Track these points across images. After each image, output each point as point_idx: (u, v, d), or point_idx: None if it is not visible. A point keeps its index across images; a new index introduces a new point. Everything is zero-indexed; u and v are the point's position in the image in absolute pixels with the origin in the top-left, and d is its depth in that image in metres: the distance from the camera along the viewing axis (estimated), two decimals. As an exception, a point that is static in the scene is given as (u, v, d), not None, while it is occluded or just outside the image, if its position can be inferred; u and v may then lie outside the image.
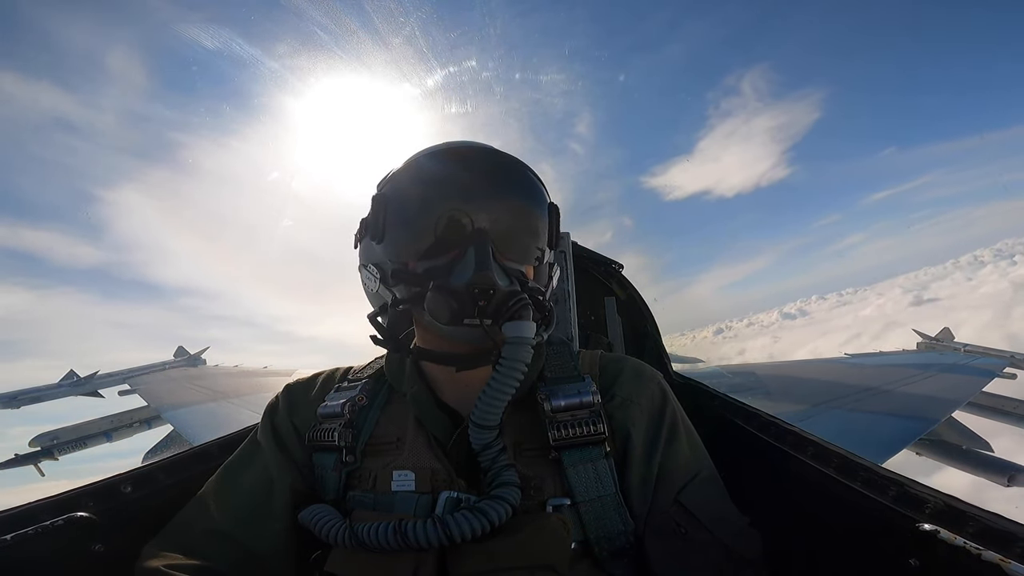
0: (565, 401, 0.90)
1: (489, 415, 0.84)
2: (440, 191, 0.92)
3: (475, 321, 0.84)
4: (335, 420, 0.96)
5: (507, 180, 0.96)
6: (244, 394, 5.73)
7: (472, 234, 0.88)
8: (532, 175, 0.99)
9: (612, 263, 2.31)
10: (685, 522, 0.89)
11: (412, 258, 0.91)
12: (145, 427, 6.42)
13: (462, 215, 0.89)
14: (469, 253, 0.85)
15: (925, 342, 6.63)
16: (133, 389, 6.52)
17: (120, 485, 1.04)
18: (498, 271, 0.86)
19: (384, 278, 0.94)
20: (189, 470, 1.15)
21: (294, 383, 1.11)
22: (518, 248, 0.93)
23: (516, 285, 0.88)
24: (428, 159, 0.97)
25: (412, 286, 0.90)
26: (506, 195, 0.94)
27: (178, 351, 8.01)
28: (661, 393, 1.01)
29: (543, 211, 0.98)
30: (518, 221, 0.94)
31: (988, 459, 4.26)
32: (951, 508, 0.77)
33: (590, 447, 0.88)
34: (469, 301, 0.84)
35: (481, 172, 0.94)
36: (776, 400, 4.13)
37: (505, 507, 0.79)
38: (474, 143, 1.00)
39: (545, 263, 1.00)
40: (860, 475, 0.93)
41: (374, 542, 0.75)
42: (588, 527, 0.86)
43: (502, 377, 0.82)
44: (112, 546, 0.96)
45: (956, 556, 0.70)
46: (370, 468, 0.92)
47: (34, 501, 0.95)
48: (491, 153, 0.98)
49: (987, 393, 4.84)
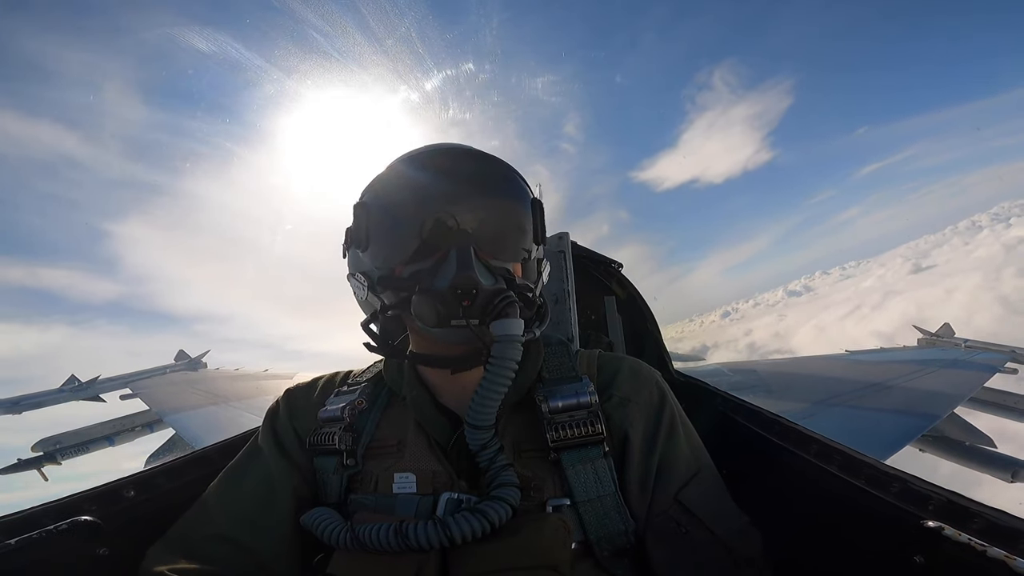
0: (563, 402, 0.90)
1: (483, 415, 0.84)
2: (420, 195, 0.92)
3: (461, 322, 0.84)
4: (336, 424, 0.96)
5: (487, 179, 0.96)
6: (245, 397, 5.74)
7: (454, 235, 0.87)
8: (512, 173, 0.98)
9: (612, 263, 2.31)
10: (685, 521, 0.89)
11: (397, 263, 0.91)
12: (147, 431, 6.43)
13: (444, 217, 0.89)
14: (451, 254, 0.85)
15: (926, 338, 6.63)
16: (134, 393, 6.53)
17: (123, 489, 1.05)
18: (481, 270, 0.86)
19: (372, 285, 0.94)
20: (191, 474, 1.16)
21: (295, 387, 1.11)
22: (502, 246, 0.92)
23: (501, 283, 0.88)
24: (406, 164, 0.97)
25: (399, 291, 0.90)
26: (486, 194, 0.94)
27: (179, 355, 8.02)
28: (659, 392, 1.01)
29: (526, 207, 0.98)
30: (500, 219, 0.93)
31: (991, 455, 4.26)
32: (955, 504, 0.77)
33: (589, 447, 0.88)
34: (454, 302, 0.83)
35: (460, 173, 0.94)
36: (778, 398, 4.13)
37: (505, 507, 0.79)
38: (452, 144, 1.00)
39: (533, 259, 0.99)
40: (863, 472, 0.92)
41: (376, 544, 0.76)
42: (588, 527, 0.86)
43: (493, 376, 0.82)
44: (116, 550, 0.96)
45: (961, 553, 0.69)
46: (371, 471, 0.92)
47: (38, 505, 0.95)
48: (469, 153, 0.98)
49: (989, 389, 4.84)
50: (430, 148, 0.98)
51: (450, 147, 0.99)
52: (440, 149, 0.98)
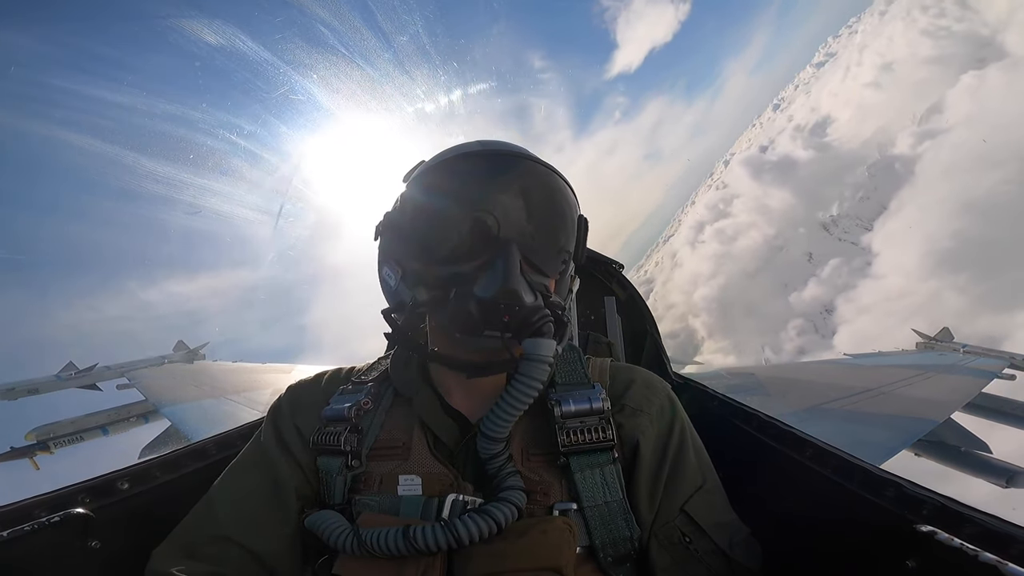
0: (576, 406, 0.90)
1: (499, 428, 0.83)
2: (470, 194, 0.88)
3: (495, 333, 0.82)
4: (340, 424, 0.94)
5: (539, 189, 0.92)
6: (243, 390, 5.72)
7: (500, 243, 0.85)
8: (565, 186, 0.96)
9: (612, 263, 2.31)
10: (689, 531, 0.89)
11: (435, 260, 0.89)
12: (142, 422, 6.41)
13: (491, 222, 0.85)
14: (497, 264, 0.83)
15: (924, 342, 6.63)
16: (131, 383, 6.51)
17: (117, 482, 1.04)
18: (523, 285, 0.84)
19: (405, 276, 0.93)
20: (186, 467, 1.15)
21: (297, 384, 1.09)
22: (545, 260, 0.90)
23: (540, 300, 0.86)
24: (461, 159, 0.93)
25: (433, 289, 0.89)
26: (538, 205, 0.90)
27: (177, 345, 7.99)
28: (671, 405, 1.01)
29: (573, 223, 0.96)
30: (547, 232, 0.91)
31: (987, 461, 4.26)
32: (949, 509, 0.77)
33: (598, 453, 0.88)
34: (493, 314, 0.82)
35: (514, 178, 0.90)
36: (775, 401, 4.13)
37: (511, 509, 0.79)
38: (510, 146, 0.95)
39: (567, 276, 0.99)
40: (858, 476, 0.93)
41: (382, 549, 0.75)
42: (594, 532, 0.85)
43: (517, 393, 0.81)
44: (108, 542, 0.96)
45: (953, 557, 0.69)
46: (376, 472, 0.91)
47: (30, 497, 0.95)
48: (526, 159, 0.93)
49: (986, 394, 4.84)
50: (485, 145, 0.95)
51: (507, 148, 0.95)
52: (495, 149, 0.94)
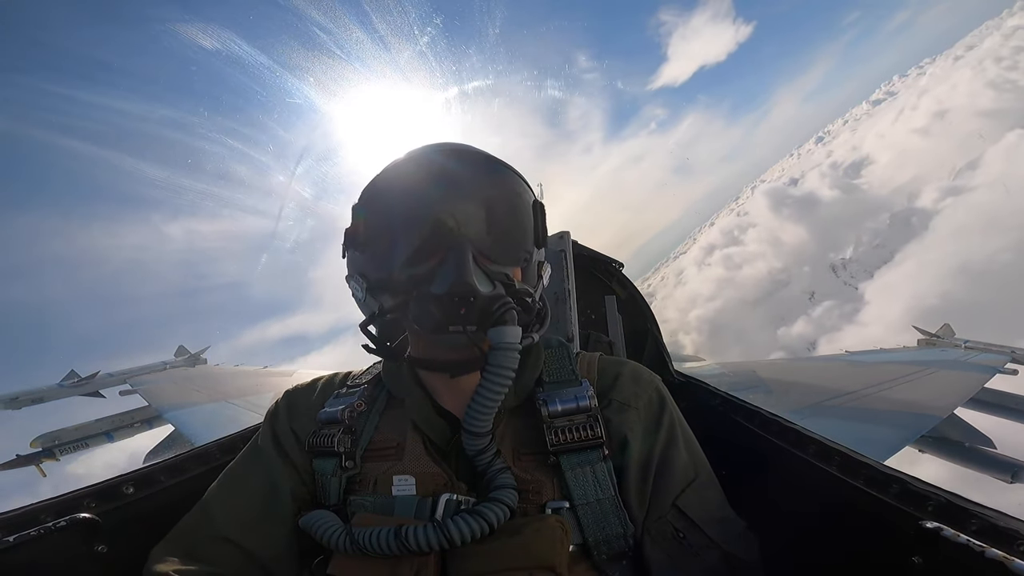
0: (563, 406, 0.90)
1: (479, 422, 0.83)
2: (417, 196, 0.90)
3: (459, 328, 0.83)
4: (334, 426, 0.96)
5: (487, 181, 0.93)
6: (245, 394, 5.73)
7: (452, 239, 0.86)
8: (513, 174, 0.97)
9: (612, 262, 2.32)
10: (682, 526, 0.89)
11: (395, 266, 0.90)
12: (146, 427, 6.43)
13: (442, 219, 0.87)
14: (449, 259, 0.84)
15: (926, 339, 6.62)
16: (134, 389, 6.53)
17: (122, 486, 1.05)
18: (479, 276, 0.85)
19: (370, 287, 0.94)
20: (190, 471, 1.16)
21: (294, 388, 1.11)
22: (502, 251, 0.91)
23: (500, 289, 0.87)
24: (405, 164, 0.95)
25: (397, 295, 0.90)
26: (485, 196, 0.92)
27: (179, 350, 8.02)
28: (659, 397, 1.01)
29: (527, 210, 0.96)
30: (500, 222, 0.91)
31: (991, 456, 4.26)
32: (954, 505, 0.77)
33: (588, 451, 0.88)
34: (450, 308, 0.83)
35: (459, 174, 0.92)
36: (777, 398, 4.12)
37: (503, 509, 0.79)
38: (452, 143, 0.97)
39: (534, 263, 0.98)
40: (862, 473, 0.92)
41: (375, 548, 0.76)
42: (587, 530, 0.86)
43: (489, 384, 0.81)
44: (114, 547, 0.97)
45: (959, 554, 0.69)
46: (370, 473, 0.92)
47: (36, 502, 0.96)
48: (469, 153, 0.95)
49: (989, 389, 4.83)
50: (428, 148, 0.97)
51: (449, 147, 0.97)
52: (438, 149, 0.96)
